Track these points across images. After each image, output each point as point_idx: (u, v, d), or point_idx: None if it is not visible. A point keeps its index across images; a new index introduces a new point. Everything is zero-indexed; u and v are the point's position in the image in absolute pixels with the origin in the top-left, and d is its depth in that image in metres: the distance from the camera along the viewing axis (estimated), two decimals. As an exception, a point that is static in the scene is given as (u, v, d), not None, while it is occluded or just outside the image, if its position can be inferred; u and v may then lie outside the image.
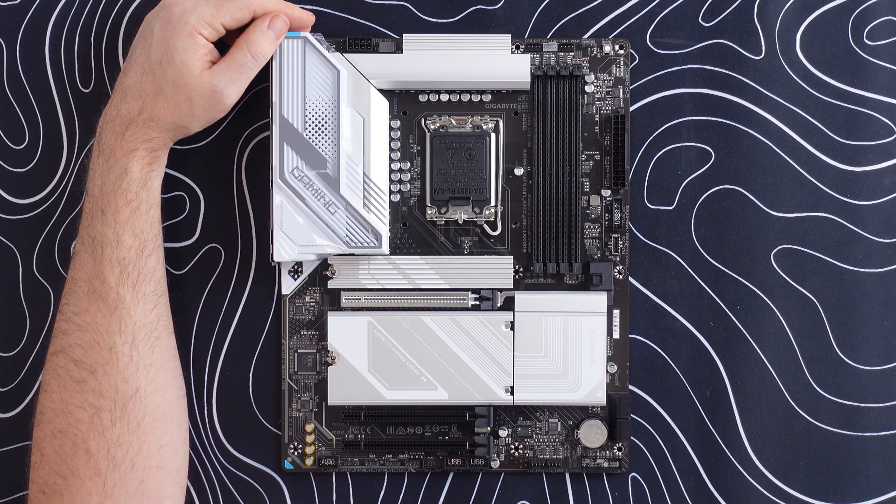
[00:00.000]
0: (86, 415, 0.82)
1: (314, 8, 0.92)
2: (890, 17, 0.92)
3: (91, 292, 0.84)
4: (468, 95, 0.90)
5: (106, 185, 0.85)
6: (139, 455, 0.83)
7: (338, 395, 0.90)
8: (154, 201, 0.86)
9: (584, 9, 0.92)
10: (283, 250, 0.88)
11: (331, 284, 0.91)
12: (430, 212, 0.91)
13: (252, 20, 0.86)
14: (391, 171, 0.91)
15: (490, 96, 0.90)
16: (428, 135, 0.91)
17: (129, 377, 0.83)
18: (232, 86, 0.85)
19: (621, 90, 0.91)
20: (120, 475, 0.82)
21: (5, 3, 0.92)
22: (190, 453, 0.92)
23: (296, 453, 0.92)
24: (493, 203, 0.90)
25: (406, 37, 0.89)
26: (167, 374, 0.86)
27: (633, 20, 0.92)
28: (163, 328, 0.86)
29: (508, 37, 0.89)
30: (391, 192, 0.91)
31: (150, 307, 0.85)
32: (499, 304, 0.91)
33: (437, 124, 0.91)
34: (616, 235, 0.91)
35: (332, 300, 0.91)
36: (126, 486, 0.82)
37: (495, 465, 0.92)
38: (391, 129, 0.91)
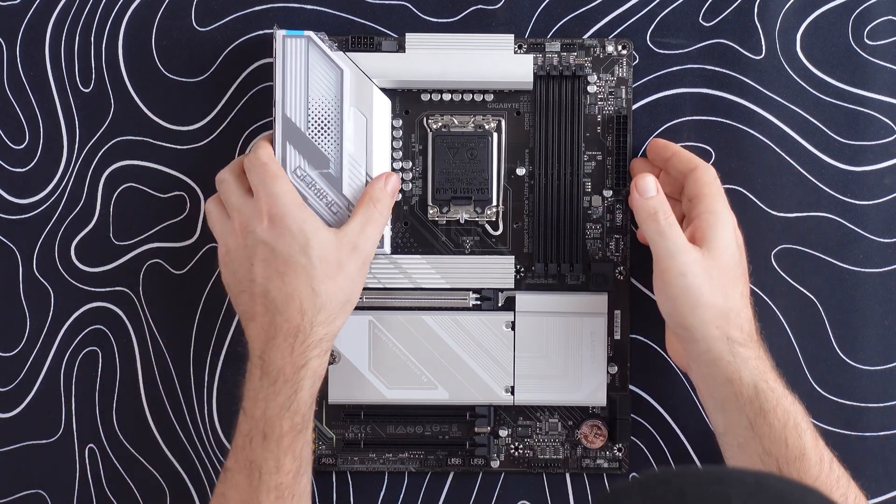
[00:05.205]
0: None
1: (315, 7, 0.91)
2: (890, 17, 0.92)
3: None
4: (470, 95, 0.90)
5: (271, 408, 0.81)
6: None
7: (338, 393, 0.89)
8: (311, 417, 0.84)
9: (583, 9, 0.92)
10: (285, 250, 0.88)
11: (332, 284, 0.91)
12: (431, 211, 0.91)
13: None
14: (393, 170, 0.91)
15: (492, 96, 0.90)
16: (430, 134, 0.91)
17: None
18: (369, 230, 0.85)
19: (623, 90, 0.91)
20: None
21: (5, 3, 0.92)
22: (190, 454, 0.92)
23: (296, 453, 0.92)
24: (494, 203, 0.90)
25: (409, 36, 0.89)
26: None
27: (633, 20, 0.92)
28: None
29: (511, 36, 0.89)
30: (392, 192, 0.91)
31: None
32: (500, 304, 0.91)
33: (440, 124, 0.91)
34: (617, 236, 0.91)
35: (333, 300, 0.91)
36: None
37: (495, 464, 0.91)
38: (393, 128, 0.91)
